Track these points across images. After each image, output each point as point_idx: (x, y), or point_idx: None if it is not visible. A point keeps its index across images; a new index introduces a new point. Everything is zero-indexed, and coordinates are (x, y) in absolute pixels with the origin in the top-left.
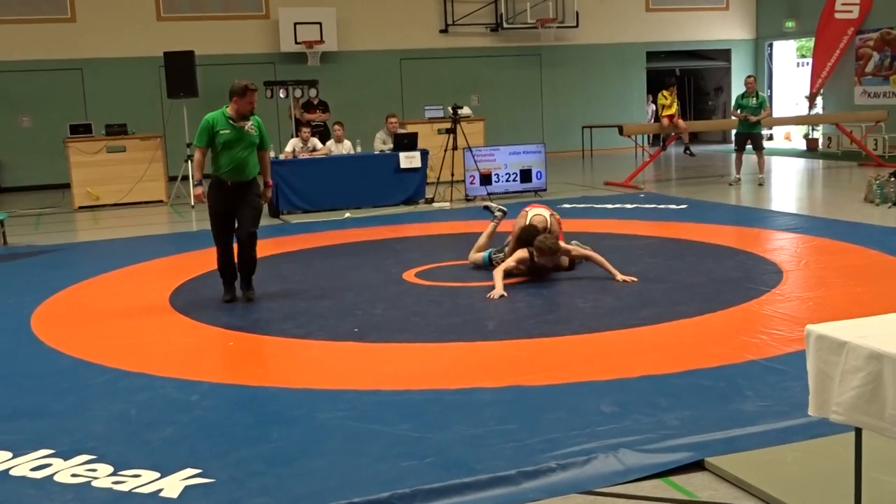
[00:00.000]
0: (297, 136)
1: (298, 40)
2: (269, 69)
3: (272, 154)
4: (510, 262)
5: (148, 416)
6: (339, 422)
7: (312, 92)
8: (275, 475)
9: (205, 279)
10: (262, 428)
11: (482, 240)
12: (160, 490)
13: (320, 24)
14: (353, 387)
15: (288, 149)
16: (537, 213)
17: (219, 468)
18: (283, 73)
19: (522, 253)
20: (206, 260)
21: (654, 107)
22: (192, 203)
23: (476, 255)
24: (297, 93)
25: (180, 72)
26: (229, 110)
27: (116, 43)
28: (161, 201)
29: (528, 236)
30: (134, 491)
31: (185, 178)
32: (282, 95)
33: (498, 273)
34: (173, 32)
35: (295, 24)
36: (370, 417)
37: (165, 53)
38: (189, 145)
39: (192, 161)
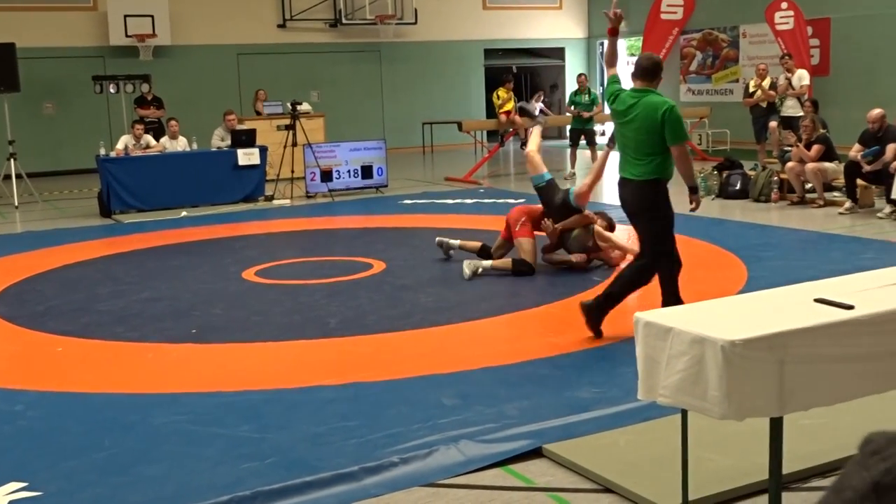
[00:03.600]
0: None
1: (129, 33)
2: (99, 63)
3: (102, 151)
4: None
5: None
6: (176, 426)
7: (145, 87)
8: (107, 484)
9: (30, 283)
10: (95, 436)
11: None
12: None
13: (152, 16)
14: (191, 389)
15: (119, 146)
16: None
17: (47, 480)
18: (114, 68)
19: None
20: (30, 263)
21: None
22: (17, 204)
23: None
24: (129, 88)
25: (0, 65)
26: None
27: None
28: None
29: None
30: None
31: (8, 176)
32: (112, 90)
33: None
34: None
35: (125, 16)
36: (209, 420)
37: None
38: (12, 142)
39: (672, 161)
